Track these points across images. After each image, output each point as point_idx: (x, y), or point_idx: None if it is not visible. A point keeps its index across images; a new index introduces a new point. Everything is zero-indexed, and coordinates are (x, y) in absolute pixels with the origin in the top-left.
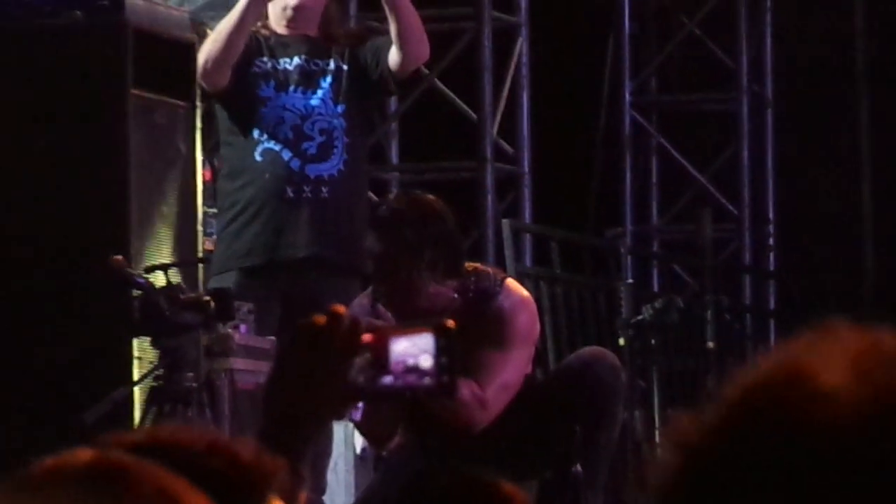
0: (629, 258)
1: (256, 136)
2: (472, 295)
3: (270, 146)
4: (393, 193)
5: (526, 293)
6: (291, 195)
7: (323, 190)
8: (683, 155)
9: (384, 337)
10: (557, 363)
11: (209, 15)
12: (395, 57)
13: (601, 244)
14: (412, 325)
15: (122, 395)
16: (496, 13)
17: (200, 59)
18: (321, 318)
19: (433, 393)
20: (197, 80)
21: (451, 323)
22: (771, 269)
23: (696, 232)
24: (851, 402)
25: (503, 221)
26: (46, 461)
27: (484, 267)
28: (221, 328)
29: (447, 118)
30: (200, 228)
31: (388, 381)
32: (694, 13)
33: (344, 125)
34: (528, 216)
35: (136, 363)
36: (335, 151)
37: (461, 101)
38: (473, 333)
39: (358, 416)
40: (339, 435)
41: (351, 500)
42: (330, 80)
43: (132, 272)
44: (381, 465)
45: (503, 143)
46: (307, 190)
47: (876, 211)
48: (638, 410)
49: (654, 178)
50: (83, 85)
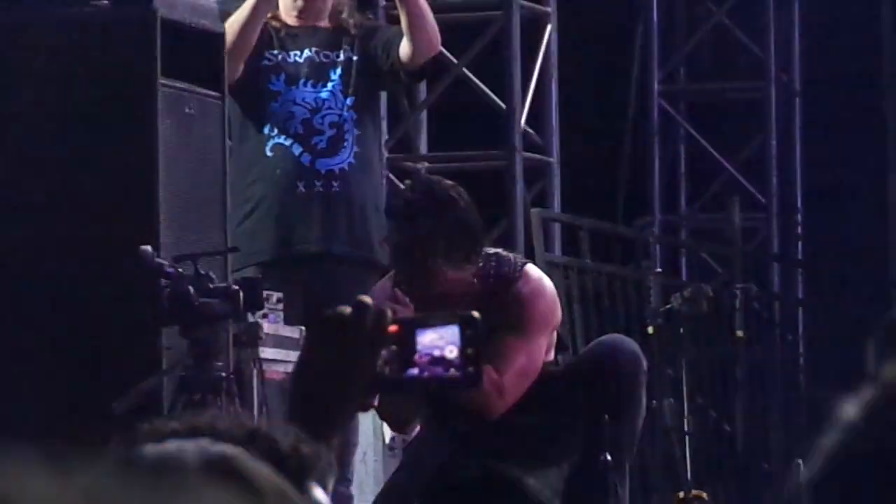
0: (658, 247)
1: (267, 131)
2: (492, 280)
3: (281, 141)
4: (407, 181)
5: (546, 279)
6: (303, 190)
7: (334, 184)
8: (712, 144)
9: (411, 328)
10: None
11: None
12: (405, 48)
13: (630, 233)
14: (438, 315)
15: (151, 384)
16: (524, 2)
17: None
18: (347, 309)
19: (459, 384)
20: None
21: (476, 314)
22: (799, 257)
23: (724, 221)
24: None
25: (532, 211)
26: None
27: (505, 252)
28: (250, 317)
29: (476, 108)
30: (227, 218)
31: (414, 372)
32: (722, 2)
33: (354, 117)
34: (556, 205)
35: (165, 353)
36: (345, 145)
37: (490, 90)
38: (493, 319)
39: (376, 400)
40: (368, 425)
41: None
42: (340, 71)
43: (161, 262)
44: (405, 455)
45: (532, 132)
46: (318, 185)
47: None
48: (667, 399)
49: (682, 167)
50: (112, 75)
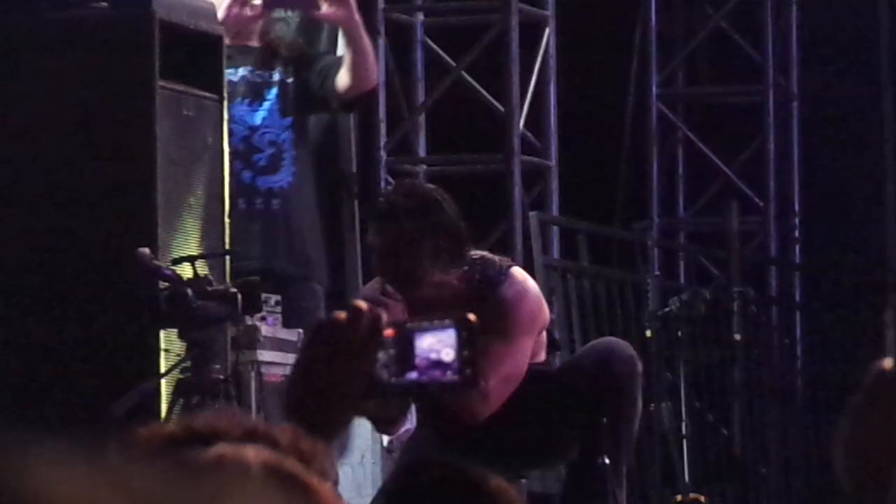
0: (656, 250)
1: None
2: (477, 283)
3: None
4: (390, 185)
5: (531, 281)
6: (243, 207)
7: (274, 202)
8: (710, 147)
9: (408, 332)
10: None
11: None
12: (343, 80)
13: (628, 236)
14: (435, 319)
15: (149, 387)
16: (523, 6)
17: None
18: (341, 314)
19: (457, 387)
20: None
21: (472, 316)
22: (797, 261)
23: (722, 224)
24: None
25: (530, 214)
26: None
27: (491, 255)
28: (248, 320)
29: (474, 111)
30: (227, 220)
31: (412, 376)
32: (720, 6)
33: (292, 137)
34: (555, 209)
35: (163, 355)
36: (284, 164)
37: (488, 93)
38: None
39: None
40: (367, 427)
41: None
42: (276, 92)
43: (159, 264)
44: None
45: (530, 135)
46: (258, 202)
47: None
48: (665, 402)
49: (680, 170)
50: (110, 77)
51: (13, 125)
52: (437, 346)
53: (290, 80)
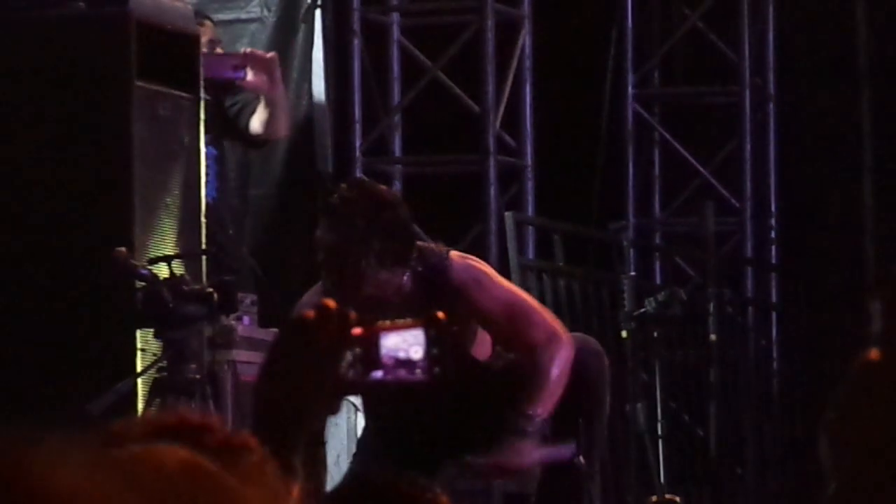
0: (632, 251)
1: None
2: (421, 274)
3: None
4: (344, 182)
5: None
6: None
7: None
8: (686, 148)
9: (375, 331)
10: None
11: (213, 7)
12: (256, 124)
13: (604, 237)
14: (402, 319)
15: (126, 386)
16: (499, 6)
17: None
18: (310, 312)
19: (425, 386)
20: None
21: (441, 314)
22: (773, 261)
23: (698, 225)
24: None
25: (506, 214)
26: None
27: (424, 244)
28: (224, 320)
29: (450, 111)
30: (204, 220)
31: (378, 375)
32: (697, 6)
33: (214, 154)
34: (530, 209)
35: (139, 355)
36: (209, 179)
37: (464, 93)
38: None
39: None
40: (342, 429)
41: None
42: None
43: (135, 264)
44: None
45: (506, 135)
46: None
47: (877, 204)
48: (640, 403)
49: (656, 170)
50: (87, 76)
51: None
52: (403, 345)
53: (207, 98)
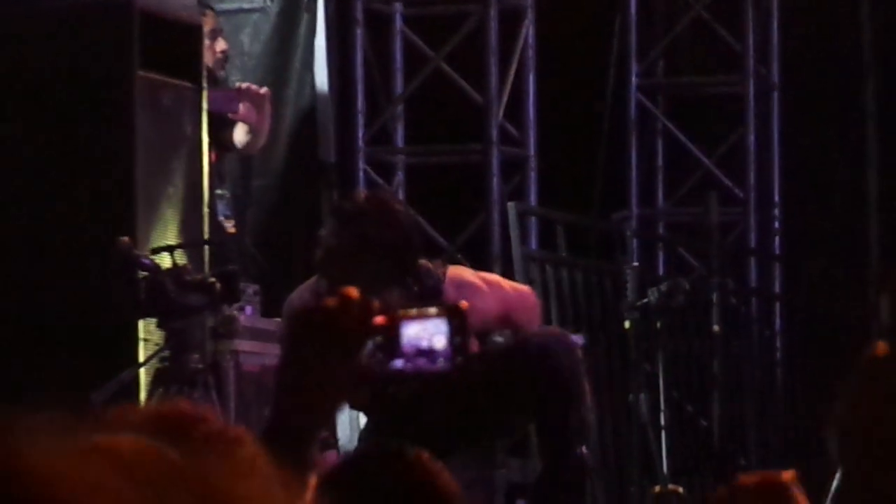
0: (635, 241)
1: None
2: (416, 291)
3: None
4: (361, 191)
5: (466, 272)
6: None
7: None
8: (689, 138)
9: (396, 320)
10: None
11: None
12: (240, 136)
13: (607, 227)
14: (425, 308)
15: (128, 376)
16: None
17: None
18: (331, 300)
19: (447, 374)
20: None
21: (464, 304)
22: (776, 252)
23: (702, 215)
24: None
25: (509, 204)
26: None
27: (426, 264)
28: (227, 310)
29: (453, 101)
30: (207, 210)
31: (400, 364)
32: None
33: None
34: (533, 199)
35: (142, 344)
36: None
37: (467, 84)
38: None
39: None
40: (344, 423)
41: None
42: None
43: (138, 254)
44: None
45: (509, 126)
46: None
47: (881, 193)
48: (643, 393)
49: (659, 161)
50: (90, 66)
51: None
52: (425, 334)
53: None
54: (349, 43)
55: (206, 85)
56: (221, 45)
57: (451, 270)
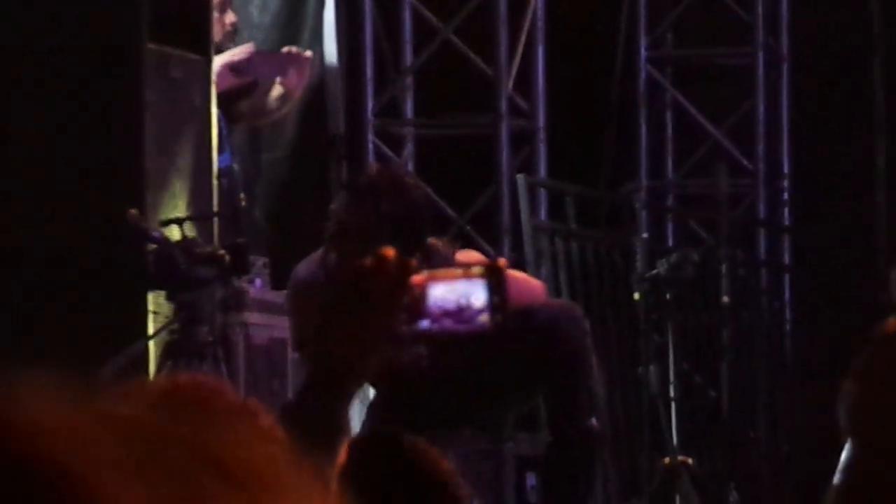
0: (644, 213)
1: None
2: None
3: None
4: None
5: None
6: None
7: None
8: (699, 110)
9: (427, 280)
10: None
11: None
12: (273, 102)
13: (616, 199)
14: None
15: (138, 349)
16: None
17: None
18: (367, 261)
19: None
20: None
21: (502, 261)
22: (786, 223)
23: (711, 186)
24: None
25: (518, 176)
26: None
27: (436, 244)
28: (236, 282)
29: (462, 73)
30: (216, 182)
31: (426, 325)
32: None
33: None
34: (543, 171)
35: (151, 317)
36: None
37: (476, 55)
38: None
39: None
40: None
41: None
42: None
43: (147, 226)
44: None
45: (518, 98)
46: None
47: (890, 165)
48: (653, 365)
49: (669, 132)
50: (98, 39)
51: (1, 87)
52: (450, 295)
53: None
54: (358, 15)
55: (213, 56)
56: (230, 17)
57: (460, 254)
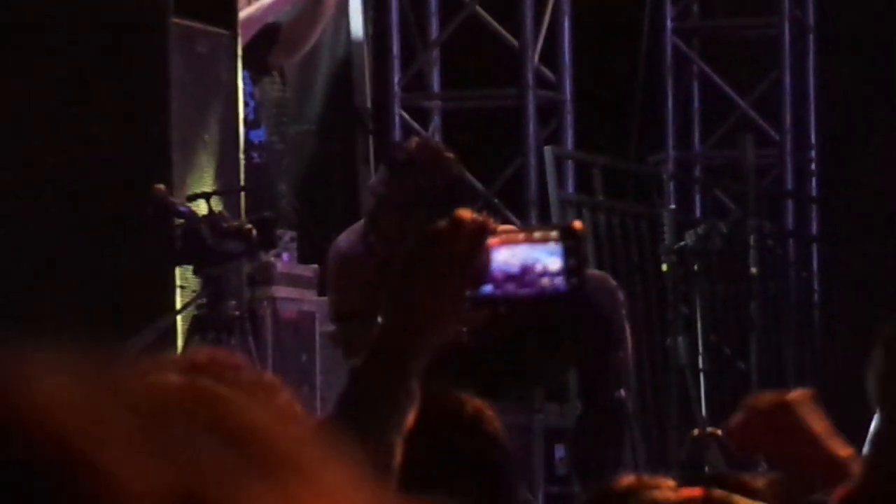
0: (671, 184)
1: None
2: None
3: None
4: (413, 140)
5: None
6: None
7: (255, 155)
8: (725, 81)
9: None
10: None
11: None
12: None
13: (643, 170)
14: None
15: (165, 323)
16: None
17: None
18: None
19: (563, 296)
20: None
21: (578, 224)
22: (813, 194)
23: (738, 157)
24: None
25: (545, 148)
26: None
27: None
28: (264, 256)
29: (489, 45)
30: (242, 156)
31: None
32: None
33: (250, 91)
34: (570, 143)
35: (178, 292)
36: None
37: (502, 28)
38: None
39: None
40: None
41: None
42: None
43: (174, 201)
44: None
45: (545, 69)
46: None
47: None
48: (681, 336)
49: (695, 104)
50: (123, 14)
51: (28, 63)
52: (540, 255)
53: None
54: None
55: (240, 31)
56: None
57: None
